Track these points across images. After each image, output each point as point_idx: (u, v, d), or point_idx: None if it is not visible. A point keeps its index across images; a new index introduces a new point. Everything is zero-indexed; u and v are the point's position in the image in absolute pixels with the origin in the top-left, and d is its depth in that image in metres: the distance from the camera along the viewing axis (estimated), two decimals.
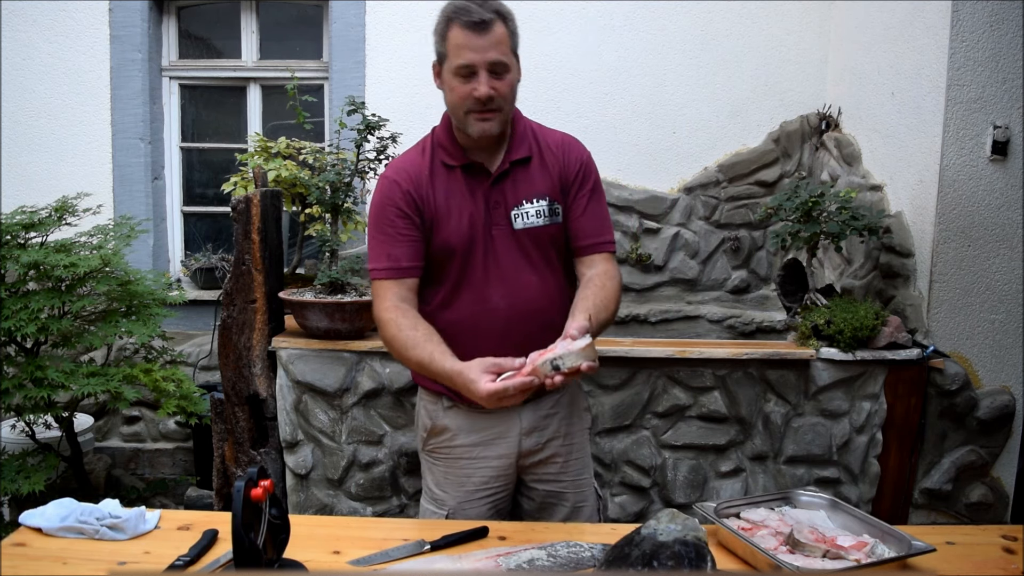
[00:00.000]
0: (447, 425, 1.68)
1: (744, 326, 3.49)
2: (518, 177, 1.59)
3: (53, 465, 2.61)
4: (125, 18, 3.49)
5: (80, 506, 1.42)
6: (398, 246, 1.56)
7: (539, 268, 1.60)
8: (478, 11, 1.46)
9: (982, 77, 2.61)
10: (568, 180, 1.63)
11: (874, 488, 2.67)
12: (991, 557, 1.41)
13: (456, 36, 1.47)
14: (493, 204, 1.58)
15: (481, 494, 1.68)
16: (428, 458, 1.75)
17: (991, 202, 2.66)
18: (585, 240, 1.64)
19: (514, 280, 1.58)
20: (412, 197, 1.56)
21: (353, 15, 3.49)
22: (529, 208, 1.58)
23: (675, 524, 1.17)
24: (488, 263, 1.58)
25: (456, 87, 1.50)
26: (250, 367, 2.56)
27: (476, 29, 1.45)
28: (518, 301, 1.58)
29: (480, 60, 1.47)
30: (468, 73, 1.48)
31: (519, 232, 1.58)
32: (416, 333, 1.50)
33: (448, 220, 1.56)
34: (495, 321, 1.58)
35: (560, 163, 1.63)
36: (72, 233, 2.68)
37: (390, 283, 1.56)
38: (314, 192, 2.79)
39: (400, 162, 1.64)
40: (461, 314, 1.59)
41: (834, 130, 3.41)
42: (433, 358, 1.45)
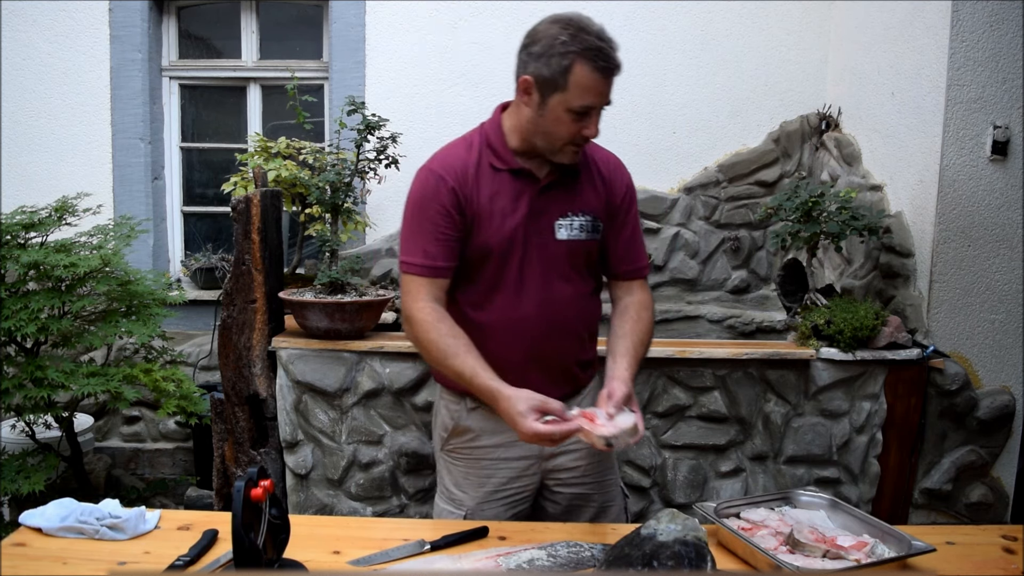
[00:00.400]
0: (470, 426, 1.67)
1: (744, 326, 3.49)
2: (566, 188, 1.58)
3: (53, 465, 2.61)
4: (125, 18, 3.49)
5: (80, 506, 1.42)
6: (436, 244, 1.52)
7: (572, 280, 1.60)
8: (613, 57, 1.43)
9: (982, 77, 2.61)
10: (615, 203, 1.63)
11: (874, 488, 2.67)
12: (991, 557, 1.41)
13: (584, 76, 1.42)
14: (537, 211, 1.55)
15: (501, 495, 1.67)
16: (447, 458, 1.73)
17: (991, 202, 2.66)
18: (625, 265, 1.66)
19: (548, 289, 1.57)
20: (457, 195, 1.52)
21: (353, 15, 3.49)
22: (574, 220, 1.57)
23: (675, 524, 1.17)
24: (524, 269, 1.56)
25: (566, 123, 1.46)
26: (250, 367, 2.56)
27: (607, 74, 1.43)
28: (549, 310, 1.58)
29: (601, 104, 1.46)
30: (584, 113, 1.45)
31: (560, 242, 1.57)
32: (456, 342, 1.48)
33: (490, 222, 1.54)
34: (525, 328, 1.57)
35: (609, 184, 1.63)
36: (72, 233, 2.68)
37: (424, 280, 1.53)
38: (314, 192, 2.79)
39: (446, 157, 1.58)
40: (491, 317, 1.57)
41: (834, 130, 3.41)
42: (476, 373, 1.45)
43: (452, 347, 1.48)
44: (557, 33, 1.43)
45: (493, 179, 1.55)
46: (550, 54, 1.43)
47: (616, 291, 1.68)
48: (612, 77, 1.45)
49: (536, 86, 1.47)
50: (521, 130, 1.55)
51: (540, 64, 1.45)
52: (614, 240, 1.64)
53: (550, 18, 1.48)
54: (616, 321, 1.63)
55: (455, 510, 1.69)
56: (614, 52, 1.44)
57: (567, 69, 1.42)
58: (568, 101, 1.44)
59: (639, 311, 1.63)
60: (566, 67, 1.42)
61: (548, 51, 1.44)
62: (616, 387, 1.46)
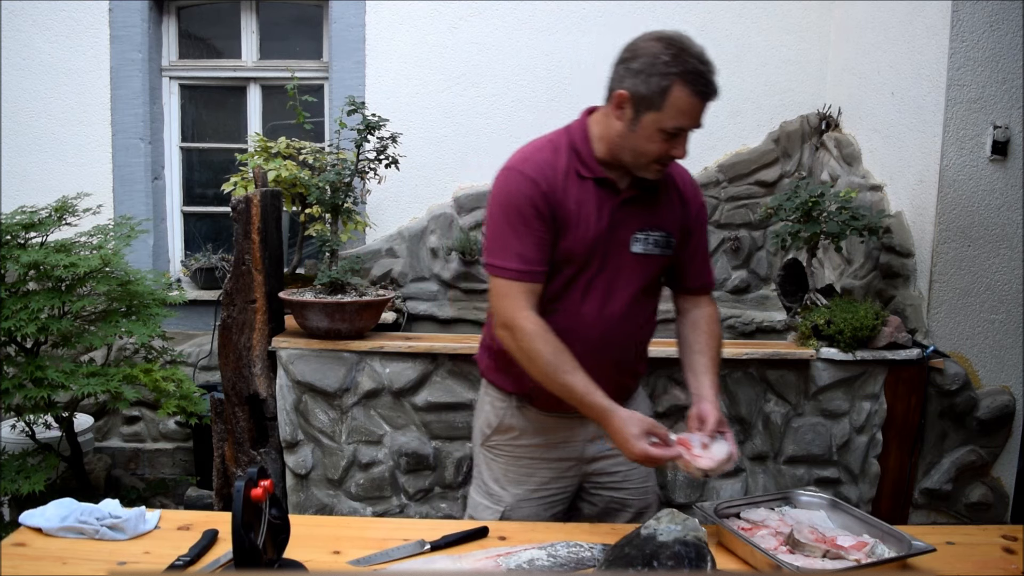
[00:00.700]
0: (514, 424, 1.69)
1: (744, 326, 3.49)
2: (645, 202, 1.58)
3: (53, 465, 2.61)
4: (125, 18, 3.49)
5: (80, 506, 1.42)
6: (533, 248, 1.50)
7: (638, 293, 1.61)
8: (712, 81, 1.43)
9: (982, 77, 2.61)
10: (691, 220, 1.65)
11: (874, 488, 2.67)
12: (991, 557, 1.41)
13: (681, 99, 1.41)
14: (616, 223, 1.55)
15: (539, 494, 1.69)
16: (487, 453, 1.74)
17: (991, 202, 2.66)
18: (696, 280, 1.70)
19: (613, 300, 1.58)
20: (549, 200, 1.51)
21: (353, 15, 3.49)
22: (650, 235, 1.58)
23: (675, 524, 1.17)
24: (595, 279, 1.56)
25: (657, 142, 1.46)
26: (250, 367, 2.56)
27: (705, 99, 1.43)
28: (611, 321, 1.58)
29: (693, 126, 1.46)
30: (675, 134, 1.46)
31: (634, 256, 1.57)
32: (565, 357, 1.48)
33: (576, 229, 1.52)
34: (586, 336, 1.56)
35: (687, 202, 1.64)
36: (72, 233, 2.68)
37: (522, 286, 1.51)
38: (314, 192, 2.79)
39: (535, 159, 1.54)
40: (556, 321, 1.55)
41: (834, 130, 3.41)
42: (590, 391, 1.46)
43: (563, 363, 1.48)
44: (659, 52, 1.42)
45: (579, 186, 1.54)
46: (650, 72, 1.42)
47: (683, 303, 1.72)
48: (708, 101, 1.45)
49: (631, 102, 1.46)
50: (609, 142, 1.53)
51: (638, 81, 1.44)
52: (689, 256, 1.67)
53: (652, 35, 1.46)
54: (690, 334, 1.66)
55: (492, 505, 1.70)
56: (713, 76, 1.43)
57: (665, 90, 1.41)
58: (662, 121, 1.44)
59: (711, 324, 1.67)
60: (665, 88, 1.41)
61: (648, 69, 1.42)
62: (708, 410, 1.51)
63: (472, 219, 3.47)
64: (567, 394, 1.48)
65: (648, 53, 1.43)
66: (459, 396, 2.63)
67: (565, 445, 1.68)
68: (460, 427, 2.65)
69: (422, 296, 3.50)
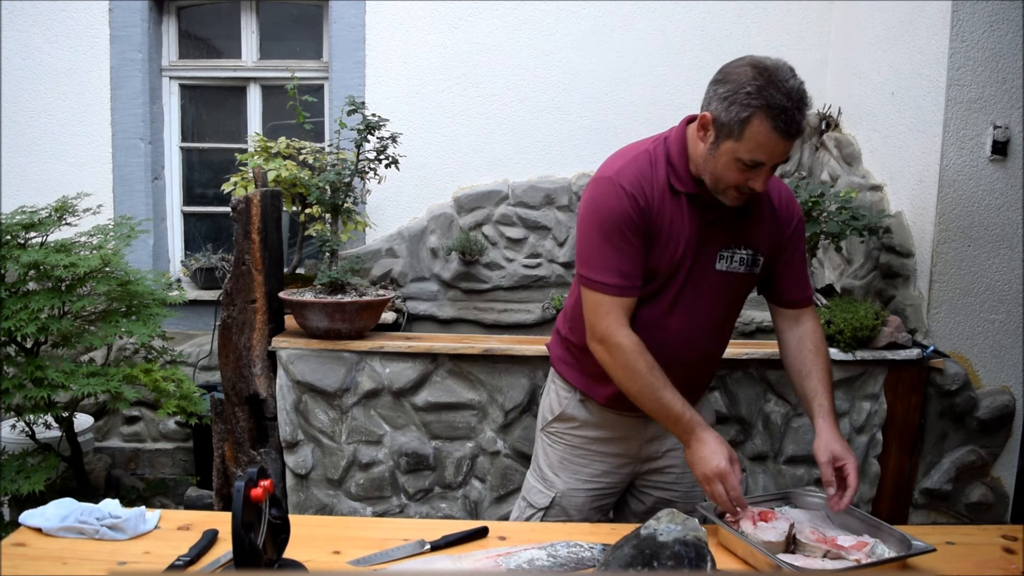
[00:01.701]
0: (576, 415, 1.72)
1: (744, 326, 3.48)
2: (734, 219, 1.55)
3: (53, 465, 2.61)
4: (125, 18, 3.49)
5: (80, 506, 1.42)
6: (631, 263, 1.50)
7: (720, 309, 1.61)
8: (796, 122, 1.36)
9: (982, 77, 2.61)
10: (786, 235, 1.61)
11: (874, 488, 2.67)
12: (991, 557, 1.41)
13: (760, 133, 1.36)
14: (704, 240, 1.53)
15: (591, 486, 1.72)
16: (546, 439, 1.78)
17: (991, 202, 2.66)
18: (796, 294, 1.66)
19: (695, 315, 1.57)
20: (645, 215, 1.49)
21: (353, 15, 3.49)
22: (735, 253, 1.56)
23: (675, 524, 1.17)
24: (683, 294, 1.56)
25: (734, 171, 1.42)
26: (250, 367, 2.56)
27: (786, 136, 1.37)
28: (689, 336, 1.58)
29: (774, 162, 1.41)
30: (753, 167, 1.41)
31: (717, 273, 1.56)
32: (661, 375, 1.49)
33: (667, 245, 1.51)
34: (663, 348, 1.55)
35: (781, 217, 1.60)
36: (72, 233, 2.68)
37: (620, 301, 1.51)
38: (314, 192, 2.79)
39: (633, 171, 1.52)
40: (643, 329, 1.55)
41: (834, 130, 3.41)
42: (685, 410, 1.47)
43: (660, 381, 1.48)
44: (747, 81, 1.37)
45: (673, 201, 1.51)
46: (732, 100, 1.38)
47: (785, 320, 1.68)
48: (792, 140, 1.39)
49: (714, 126, 1.43)
50: (694, 160, 1.52)
51: (722, 106, 1.40)
52: (785, 269, 1.64)
53: (748, 60, 1.41)
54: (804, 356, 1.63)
55: (545, 490, 1.74)
56: (800, 115, 1.36)
57: (746, 121, 1.37)
58: (739, 151, 1.40)
59: (819, 344, 1.63)
60: (745, 119, 1.37)
61: (732, 96, 1.38)
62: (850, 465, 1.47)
63: (472, 219, 3.47)
64: (662, 410, 1.49)
65: (736, 80, 1.39)
66: (459, 396, 2.63)
67: (623, 441, 1.70)
68: (460, 427, 2.65)
69: (422, 296, 3.50)
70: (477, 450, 2.66)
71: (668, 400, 1.48)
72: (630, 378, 1.50)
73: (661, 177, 1.51)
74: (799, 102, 1.36)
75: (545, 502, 1.73)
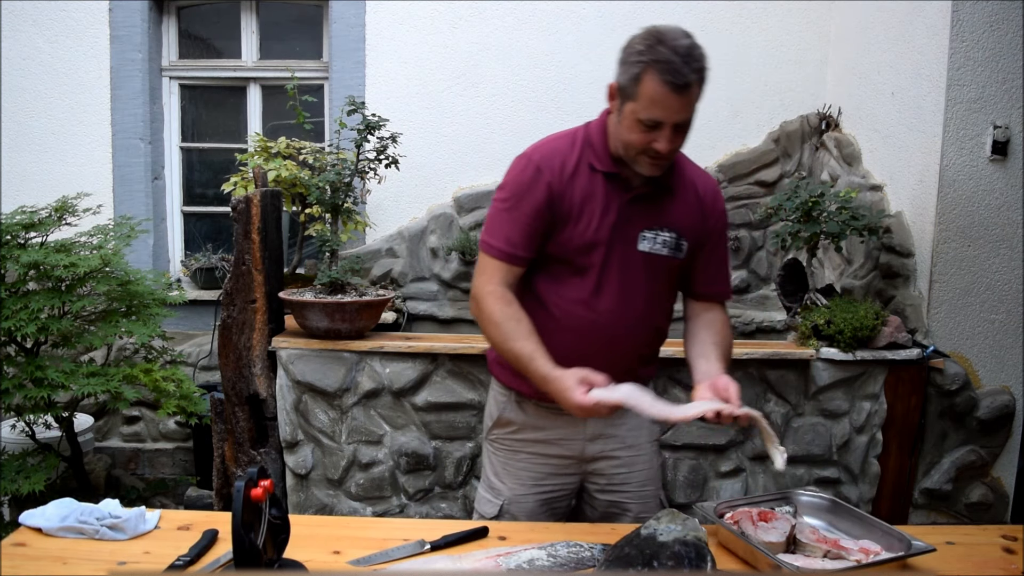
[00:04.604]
0: (512, 419, 1.71)
1: (744, 326, 3.49)
2: (657, 202, 1.57)
3: (53, 465, 2.61)
4: (125, 18, 3.49)
5: (80, 506, 1.42)
6: (521, 234, 1.54)
7: (648, 290, 1.60)
8: (684, 74, 1.37)
9: (982, 77, 2.61)
10: (709, 227, 1.63)
11: (874, 488, 2.67)
12: (991, 557, 1.41)
13: (652, 89, 1.39)
14: (624, 219, 1.55)
15: (537, 491, 1.69)
16: (490, 447, 1.77)
17: (991, 202, 2.66)
18: (710, 288, 1.67)
19: (621, 296, 1.58)
20: (552, 191, 1.53)
21: (353, 15, 3.49)
22: (659, 235, 1.57)
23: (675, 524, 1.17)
24: (603, 274, 1.57)
25: (637, 133, 1.45)
26: (250, 367, 2.56)
27: (676, 91, 1.38)
28: (618, 317, 1.58)
29: (670, 120, 1.42)
30: (653, 127, 1.43)
31: (640, 253, 1.57)
32: (519, 326, 1.51)
33: (578, 222, 1.54)
34: (590, 329, 1.57)
35: (706, 208, 1.62)
36: (72, 233, 2.68)
37: (500, 265, 1.55)
38: (314, 192, 2.79)
39: (549, 148, 1.58)
40: (562, 311, 1.58)
41: (834, 130, 3.41)
42: (534, 357, 1.47)
43: (514, 330, 1.51)
44: (637, 42, 1.43)
45: (590, 179, 1.54)
46: (627, 62, 1.44)
47: (695, 309, 1.69)
48: (684, 94, 1.39)
49: (617, 92, 1.48)
50: (610, 135, 1.55)
51: (621, 71, 1.45)
52: (703, 262, 1.65)
53: (646, 27, 1.47)
54: (702, 331, 1.64)
55: (492, 499, 1.72)
56: (688, 68, 1.37)
57: (638, 78, 1.41)
58: (637, 111, 1.43)
59: (723, 327, 1.65)
60: (636, 76, 1.41)
61: (626, 58, 1.44)
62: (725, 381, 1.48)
63: (472, 219, 3.47)
64: (515, 360, 1.51)
65: (630, 43, 1.45)
66: (459, 396, 2.63)
67: (564, 442, 1.68)
68: (460, 427, 2.65)
69: (422, 296, 3.50)
70: (477, 450, 2.66)
71: (518, 348, 1.49)
72: (488, 329, 1.54)
73: (577, 155, 1.55)
74: (687, 57, 1.38)
75: (493, 511, 1.70)
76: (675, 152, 1.49)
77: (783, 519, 1.41)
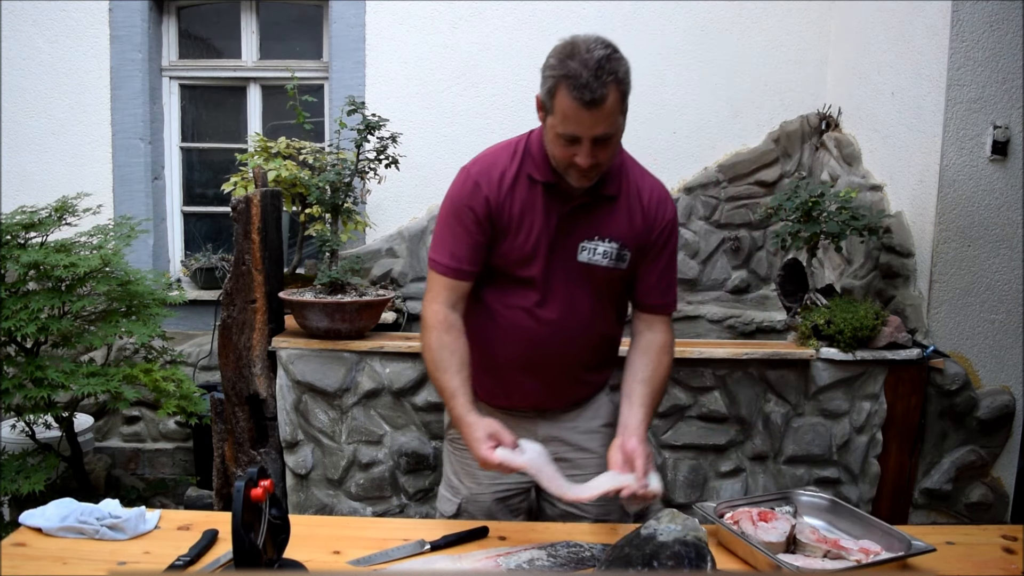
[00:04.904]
0: None
1: (744, 326, 3.49)
2: (598, 212, 1.54)
3: (53, 465, 2.61)
4: (125, 18, 3.49)
5: (80, 506, 1.42)
6: (464, 248, 1.54)
7: (590, 300, 1.59)
8: (591, 89, 1.33)
9: (982, 77, 2.61)
10: (651, 238, 1.58)
11: (874, 488, 2.67)
12: (991, 557, 1.41)
13: (564, 103, 1.36)
14: (564, 230, 1.53)
15: (494, 488, 1.69)
16: (449, 446, 1.78)
17: (991, 202, 2.66)
18: (652, 299, 1.62)
19: (565, 306, 1.57)
20: (490, 204, 1.52)
21: (353, 15, 3.49)
22: (599, 246, 1.55)
23: (675, 524, 1.17)
24: (548, 284, 1.56)
25: (559, 147, 1.43)
26: (250, 367, 2.56)
27: (587, 107, 1.35)
28: (569, 328, 1.58)
29: (586, 135, 1.38)
30: (573, 141, 1.40)
31: (580, 264, 1.56)
32: (451, 358, 1.51)
33: (517, 234, 1.53)
34: (542, 338, 1.57)
35: (649, 216, 1.57)
36: (72, 233, 2.68)
37: (446, 281, 1.55)
38: (314, 192, 2.79)
39: (488, 162, 1.57)
40: (507, 321, 1.58)
41: (834, 130, 3.41)
42: (456, 395, 1.48)
43: (445, 362, 1.51)
44: (552, 55, 1.40)
45: (529, 191, 1.53)
46: (543, 74, 1.41)
47: (638, 323, 1.65)
48: (596, 109, 1.35)
49: (540, 104, 1.46)
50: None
51: (541, 84, 1.43)
52: (646, 272, 1.61)
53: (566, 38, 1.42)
54: (637, 361, 1.60)
55: (452, 497, 1.73)
56: (598, 83, 1.33)
57: (552, 93, 1.38)
58: (555, 125, 1.41)
59: (660, 355, 1.60)
60: (550, 90, 1.39)
61: (543, 72, 1.41)
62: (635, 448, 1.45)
63: None
64: (439, 391, 1.52)
65: (548, 57, 1.41)
66: None
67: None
68: None
69: (422, 296, 3.49)
70: None
71: (445, 381, 1.50)
72: (425, 353, 1.55)
73: (517, 167, 1.54)
74: (597, 71, 1.33)
75: (452, 509, 1.71)
76: (601, 165, 1.45)
77: (783, 519, 1.41)
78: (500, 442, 1.41)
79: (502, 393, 1.66)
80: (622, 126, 1.45)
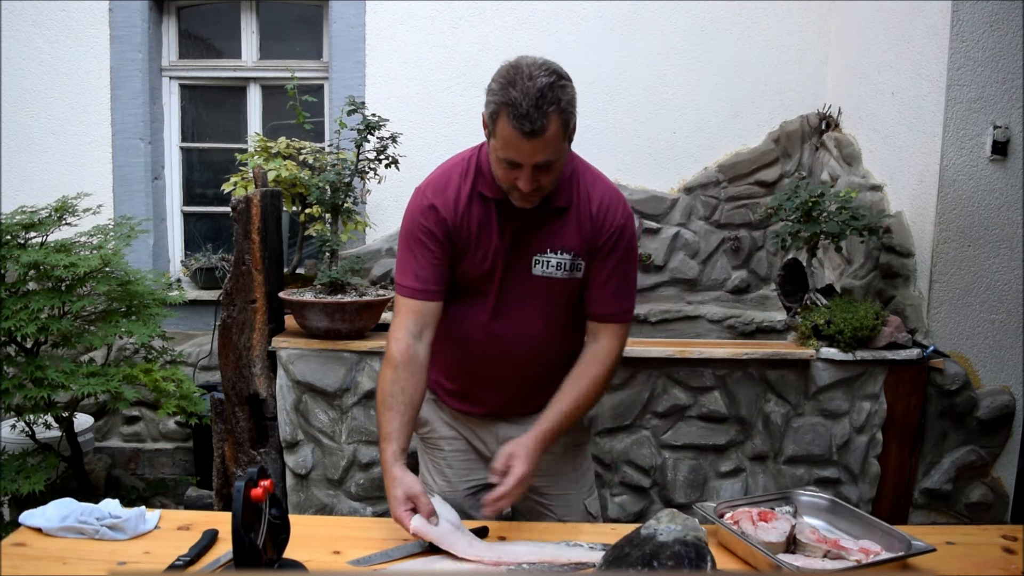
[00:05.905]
0: (429, 419, 1.75)
1: (744, 326, 3.49)
2: (549, 224, 1.53)
3: (53, 465, 2.61)
4: (125, 18, 3.49)
5: (80, 506, 1.42)
6: (427, 268, 1.52)
7: (546, 314, 1.58)
8: (531, 120, 1.31)
9: (982, 77, 2.61)
10: (597, 244, 1.55)
11: (874, 488, 2.67)
12: (991, 557, 1.41)
13: (505, 131, 1.35)
14: (518, 245, 1.53)
15: (464, 485, 1.72)
16: (421, 444, 1.82)
17: (991, 202, 2.66)
18: (599, 308, 1.59)
19: (520, 320, 1.57)
20: (447, 225, 1.51)
21: (353, 15, 3.49)
22: (552, 258, 1.53)
23: (675, 524, 1.17)
24: (502, 299, 1.56)
25: (501, 169, 1.42)
26: (250, 367, 2.56)
27: (527, 137, 1.33)
28: (524, 343, 1.58)
29: (527, 162, 1.37)
30: (514, 166, 1.39)
31: (535, 278, 1.55)
32: (399, 397, 1.47)
33: (475, 252, 1.53)
34: (495, 352, 1.58)
35: (594, 226, 1.54)
36: (72, 233, 2.68)
37: (413, 304, 1.53)
38: (314, 192, 2.79)
39: (441, 182, 1.54)
40: (465, 336, 1.59)
41: (834, 130, 3.41)
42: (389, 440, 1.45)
43: (393, 399, 1.47)
44: (497, 78, 1.37)
45: (483, 208, 1.52)
46: (488, 98, 1.39)
47: (588, 332, 1.62)
48: (536, 139, 1.32)
49: (485, 124, 1.44)
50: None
51: (485, 104, 1.41)
52: (593, 280, 1.57)
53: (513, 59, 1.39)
54: (578, 366, 1.58)
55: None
56: (538, 113, 1.30)
57: (494, 118, 1.37)
58: (496, 149, 1.39)
59: (587, 366, 1.57)
60: (492, 115, 1.37)
61: (487, 94, 1.39)
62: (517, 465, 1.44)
63: None
64: (378, 428, 1.50)
65: (493, 78, 1.38)
66: None
67: (478, 442, 1.71)
68: None
69: None
70: None
71: (382, 421, 1.47)
72: (378, 382, 1.53)
73: (469, 186, 1.52)
74: (538, 100, 1.30)
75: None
76: (544, 189, 1.43)
77: (783, 519, 1.40)
78: (417, 506, 1.37)
79: (464, 400, 1.69)
80: (566, 151, 1.44)
